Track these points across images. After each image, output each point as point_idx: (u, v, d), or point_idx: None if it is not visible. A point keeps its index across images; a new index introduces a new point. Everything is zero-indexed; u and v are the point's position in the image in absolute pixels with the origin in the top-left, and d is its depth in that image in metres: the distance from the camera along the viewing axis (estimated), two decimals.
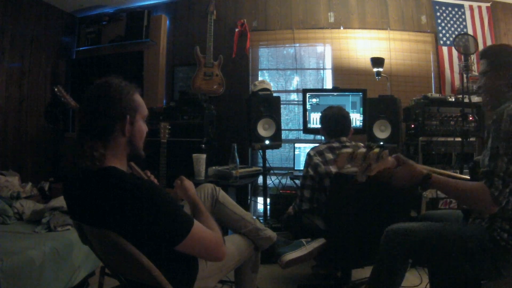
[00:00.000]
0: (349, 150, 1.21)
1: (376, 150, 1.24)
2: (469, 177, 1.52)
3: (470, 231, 1.35)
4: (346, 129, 2.20)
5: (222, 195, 1.72)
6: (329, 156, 2.06)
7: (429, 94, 3.10)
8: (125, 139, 1.15)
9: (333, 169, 1.99)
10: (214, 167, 2.92)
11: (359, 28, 3.77)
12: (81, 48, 4.14)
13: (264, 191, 3.21)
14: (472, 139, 2.85)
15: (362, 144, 2.19)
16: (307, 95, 3.19)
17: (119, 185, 1.04)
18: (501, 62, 1.46)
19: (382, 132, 3.08)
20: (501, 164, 1.23)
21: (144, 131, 1.21)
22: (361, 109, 3.13)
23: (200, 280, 1.29)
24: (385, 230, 1.47)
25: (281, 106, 3.25)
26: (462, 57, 2.83)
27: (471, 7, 3.61)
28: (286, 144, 3.74)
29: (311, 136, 3.67)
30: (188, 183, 1.44)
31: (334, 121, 2.20)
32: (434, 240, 1.37)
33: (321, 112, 2.32)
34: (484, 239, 1.30)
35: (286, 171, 3.56)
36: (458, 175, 1.63)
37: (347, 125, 2.21)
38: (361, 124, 3.13)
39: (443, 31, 3.61)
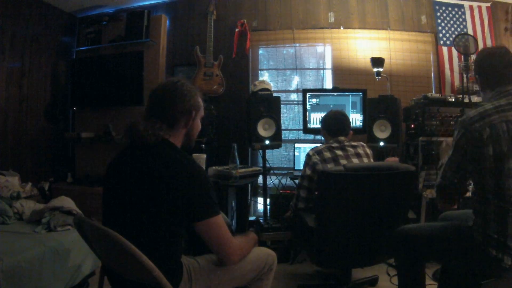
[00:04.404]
0: None
1: None
2: None
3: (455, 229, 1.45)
4: (345, 128, 2.23)
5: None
6: (327, 155, 2.08)
7: (429, 94, 3.09)
8: (184, 131, 1.35)
9: (330, 166, 2.01)
10: (214, 167, 2.92)
11: (359, 28, 3.76)
12: (81, 48, 4.13)
13: (264, 191, 3.21)
14: None
15: (363, 144, 2.21)
16: (307, 95, 3.19)
17: (171, 154, 1.21)
18: (474, 67, 1.57)
19: (382, 132, 3.09)
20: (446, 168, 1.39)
21: (199, 128, 1.42)
22: (361, 109, 3.13)
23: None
24: (394, 233, 1.58)
25: (281, 106, 3.25)
26: (462, 57, 2.83)
27: (471, 7, 3.61)
28: (286, 144, 3.74)
29: (311, 136, 3.66)
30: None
31: (333, 120, 2.26)
32: (445, 237, 1.45)
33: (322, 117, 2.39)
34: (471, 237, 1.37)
35: (286, 171, 3.55)
36: None
37: (346, 124, 2.26)
38: (361, 124, 3.13)
39: (443, 31, 3.60)
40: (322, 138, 2.39)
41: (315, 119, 3.16)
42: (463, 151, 1.35)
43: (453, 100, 3.05)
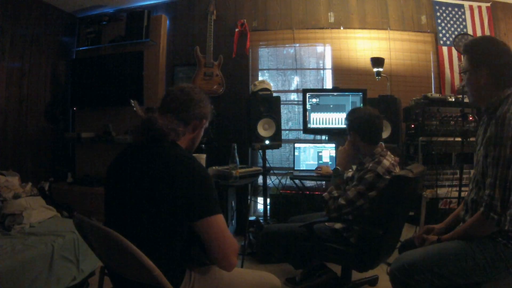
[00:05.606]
0: None
1: None
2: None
3: (475, 246, 1.30)
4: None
5: None
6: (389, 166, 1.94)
7: (429, 94, 3.10)
8: (191, 136, 1.35)
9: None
10: (214, 167, 2.92)
11: (359, 28, 3.76)
12: (81, 48, 4.13)
13: (264, 191, 3.21)
14: (472, 139, 2.86)
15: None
16: (307, 95, 3.20)
17: (171, 153, 1.19)
18: (480, 59, 1.37)
19: (382, 132, 3.08)
20: (506, 171, 1.21)
21: (200, 138, 1.41)
22: None
23: None
24: (391, 271, 1.39)
25: (281, 106, 3.25)
26: (462, 57, 2.83)
27: (471, 7, 3.61)
28: (286, 144, 3.74)
29: (311, 136, 3.66)
30: None
31: (373, 127, 2.02)
32: (445, 267, 1.30)
33: (352, 114, 2.10)
34: (494, 249, 1.28)
35: (286, 171, 3.55)
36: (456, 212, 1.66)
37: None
38: None
39: (443, 31, 3.61)
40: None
41: (315, 119, 3.16)
42: None
43: (453, 100, 3.06)
